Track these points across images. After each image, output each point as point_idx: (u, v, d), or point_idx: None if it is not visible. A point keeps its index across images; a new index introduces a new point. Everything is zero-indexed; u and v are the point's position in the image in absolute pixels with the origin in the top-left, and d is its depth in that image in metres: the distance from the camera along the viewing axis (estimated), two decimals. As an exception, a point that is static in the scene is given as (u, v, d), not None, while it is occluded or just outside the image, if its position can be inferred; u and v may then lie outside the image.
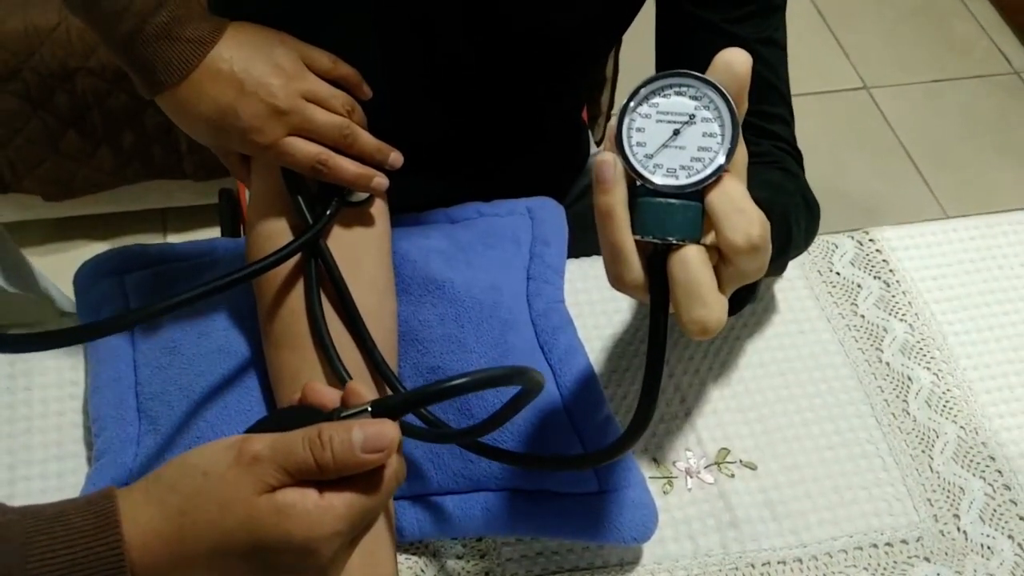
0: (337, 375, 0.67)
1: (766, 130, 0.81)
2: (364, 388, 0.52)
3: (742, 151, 0.51)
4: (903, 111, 2.32)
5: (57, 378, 0.80)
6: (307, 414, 0.51)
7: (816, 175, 0.90)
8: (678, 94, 0.50)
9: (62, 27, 1.54)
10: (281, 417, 0.52)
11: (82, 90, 1.59)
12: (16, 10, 1.55)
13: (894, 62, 2.42)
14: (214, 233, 1.28)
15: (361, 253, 0.73)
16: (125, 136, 1.67)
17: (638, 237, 0.51)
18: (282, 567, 0.47)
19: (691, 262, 0.50)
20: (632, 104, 0.51)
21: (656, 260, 0.51)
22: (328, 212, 0.70)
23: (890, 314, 0.90)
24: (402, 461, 0.51)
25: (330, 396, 0.52)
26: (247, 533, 0.46)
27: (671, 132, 0.50)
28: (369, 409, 0.50)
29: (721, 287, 0.51)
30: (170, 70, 0.67)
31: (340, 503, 0.47)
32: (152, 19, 0.65)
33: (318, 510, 0.47)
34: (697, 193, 0.50)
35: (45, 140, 1.64)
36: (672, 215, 0.50)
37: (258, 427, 0.51)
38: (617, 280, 0.53)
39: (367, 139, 0.72)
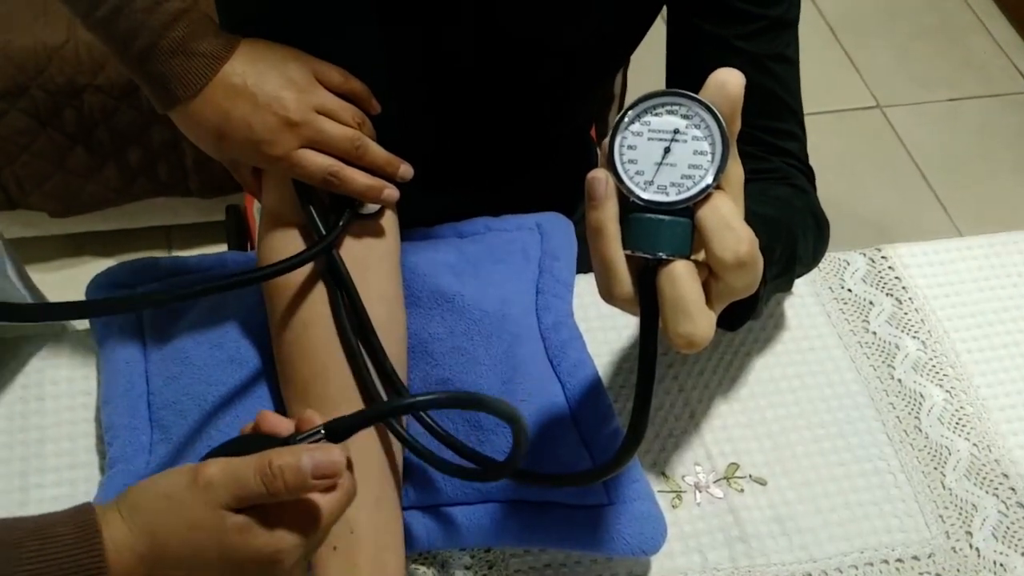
0: (363, 384, 0.68)
1: (777, 146, 0.81)
2: (316, 416, 0.55)
3: (736, 168, 0.52)
4: (917, 130, 2.31)
5: (69, 388, 0.81)
6: (263, 442, 0.53)
7: (830, 194, 0.90)
8: (669, 112, 0.51)
9: (70, 44, 1.55)
10: (239, 444, 0.54)
11: (89, 107, 1.59)
12: (25, 27, 1.56)
13: (908, 80, 2.42)
14: (219, 251, 1.28)
15: (372, 265, 0.74)
16: (132, 153, 1.67)
17: (628, 252, 0.52)
18: (254, 574, 0.52)
19: (679, 277, 0.50)
20: (624, 121, 0.51)
21: (646, 275, 0.52)
22: (340, 223, 0.71)
23: (902, 331, 0.90)
24: (353, 479, 0.53)
25: (284, 425, 0.55)
26: (216, 550, 0.50)
27: (662, 150, 0.51)
28: (322, 432, 0.53)
29: (710, 303, 0.52)
30: (184, 84, 0.68)
31: (295, 523, 0.51)
32: (168, 34, 0.67)
33: (278, 529, 0.51)
34: (687, 209, 0.51)
35: (52, 156, 1.65)
36: (662, 231, 0.51)
37: (217, 452, 0.54)
38: (608, 294, 0.54)
39: (377, 151, 0.72)
